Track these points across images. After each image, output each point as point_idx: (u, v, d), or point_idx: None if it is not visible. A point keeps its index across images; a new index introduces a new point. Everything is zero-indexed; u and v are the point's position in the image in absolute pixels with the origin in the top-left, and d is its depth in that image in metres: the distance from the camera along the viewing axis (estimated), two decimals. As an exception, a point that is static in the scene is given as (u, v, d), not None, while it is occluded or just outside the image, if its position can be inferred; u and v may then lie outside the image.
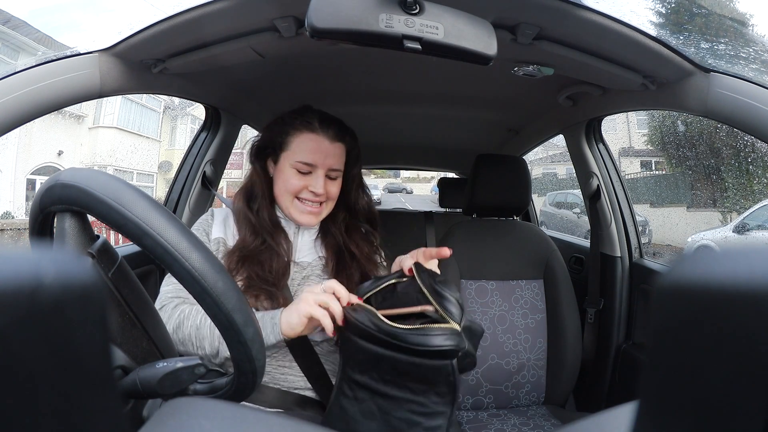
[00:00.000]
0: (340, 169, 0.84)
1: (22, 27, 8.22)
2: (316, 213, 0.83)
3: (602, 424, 0.24)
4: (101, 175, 0.40)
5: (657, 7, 2.81)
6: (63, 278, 0.15)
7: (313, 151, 0.80)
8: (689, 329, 0.14)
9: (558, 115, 1.34)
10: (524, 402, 1.18)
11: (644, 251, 1.32)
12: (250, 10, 0.71)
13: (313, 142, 0.81)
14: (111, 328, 0.43)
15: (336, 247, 0.85)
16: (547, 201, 9.37)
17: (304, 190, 0.81)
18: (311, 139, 0.81)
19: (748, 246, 0.14)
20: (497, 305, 1.20)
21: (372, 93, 1.32)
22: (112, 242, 0.47)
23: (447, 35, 0.57)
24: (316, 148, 0.80)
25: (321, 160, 0.80)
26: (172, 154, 12.40)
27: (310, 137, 0.81)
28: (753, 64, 0.90)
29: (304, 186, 0.81)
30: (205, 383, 0.46)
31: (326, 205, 0.84)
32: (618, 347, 1.25)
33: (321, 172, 0.81)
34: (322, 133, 0.81)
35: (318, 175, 0.81)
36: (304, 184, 0.81)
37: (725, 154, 6.85)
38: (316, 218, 0.84)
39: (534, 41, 0.75)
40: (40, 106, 0.68)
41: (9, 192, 8.88)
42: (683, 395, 0.14)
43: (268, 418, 0.26)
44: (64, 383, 0.15)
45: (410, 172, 25.08)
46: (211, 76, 1.01)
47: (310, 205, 0.82)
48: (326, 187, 0.82)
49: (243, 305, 0.42)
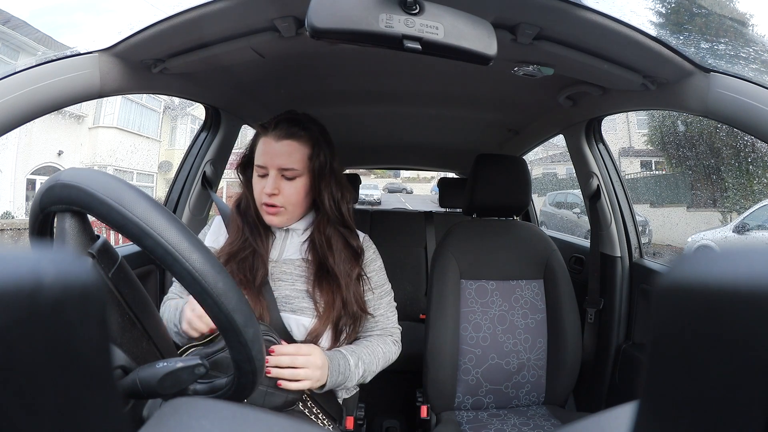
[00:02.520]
0: (294, 167, 0.82)
1: (22, 27, 8.21)
2: (274, 213, 0.84)
3: (602, 424, 0.24)
4: (101, 175, 0.40)
5: (657, 7, 2.81)
6: (63, 278, 0.15)
7: (262, 153, 0.83)
8: (689, 329, 0.14)
9: (558, 115, 1.34)
10: (524, 402, 1.18)
11: (644, 251, 1.32)
12: (250, 10, 0.71)
13: (264, 144, 0.84)
14: (111, 328, 0.43)
15: (320, 257, 0.86)
16: (547, 201, 9.37)
17: (263, 193, 0.83)
18: (263, 142, 0.84)
19: (748, 246, 0.14)
20: (497, 305, 1.20)
21: (372, 93, 1.32)
22: (112, 242, 0.47)
23: (447, 35, 0.57)
24: (265, 149, 0.83)
25: (269, 160, 0.82)
26: (172, 154, 12.39)
27: (262, 141, 0.84)
28: (753, 64, 0.89)
29: (262, 188, 0.83)
30: (205, 383, 0.46)
31: (287, 207, 0.84)
32: (618, 347, 1.25)
33: (272, 172, 0.82)
34: (271, 133, 0.83)
35: (270, 176, 0.82)
36: (261, 187, 0.83)
37: (725, 154, 6.85)
38: (278, 218, 0.85)
39: (534, 41, 0.75)
40: (40, 106, 0.68)
41: (9, 192, 8.87)
42: (683, 395, 0.14)
43: (268, 418, 0.26)
44: (64, 383, 0.15)
45: (410, 172, 25.08)
46: (211, 76, 1.02)
47: (266, 207, 0.84)
48: (282, 188, 0.83)
49: (243, 306, 0.42)
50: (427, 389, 1.14)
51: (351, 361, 0.81)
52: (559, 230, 5.61)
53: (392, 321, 0.95)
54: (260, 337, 0.45)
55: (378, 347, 0.88)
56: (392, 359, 0.92)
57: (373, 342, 0.89)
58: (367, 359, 0.84)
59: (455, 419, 1.11)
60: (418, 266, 2.08)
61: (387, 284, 0.96)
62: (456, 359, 1.14)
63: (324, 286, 0.84)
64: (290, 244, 0.89)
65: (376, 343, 0.89)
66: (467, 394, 1.16)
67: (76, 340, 0.15)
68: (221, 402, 0.27)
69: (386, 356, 0.89)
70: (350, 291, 0.84)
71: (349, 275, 0.86)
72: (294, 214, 0.86)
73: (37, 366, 0.14)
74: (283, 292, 0.84)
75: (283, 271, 0.86)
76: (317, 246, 0.86)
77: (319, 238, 0.86)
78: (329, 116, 0.94)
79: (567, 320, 1.16)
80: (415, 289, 2.02)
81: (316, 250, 0.86)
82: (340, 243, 0.87)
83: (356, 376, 0.82)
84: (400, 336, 0.96)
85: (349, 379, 0.81)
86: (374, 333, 0.92)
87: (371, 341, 0.89)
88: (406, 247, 2.09)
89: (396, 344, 0.93)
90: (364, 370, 0.84)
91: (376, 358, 0.86)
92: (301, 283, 0.85)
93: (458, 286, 1.18)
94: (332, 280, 0.84)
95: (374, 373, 0.87)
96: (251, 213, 0.88)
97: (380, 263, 0.95)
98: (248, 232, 0.86)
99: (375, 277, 0.93)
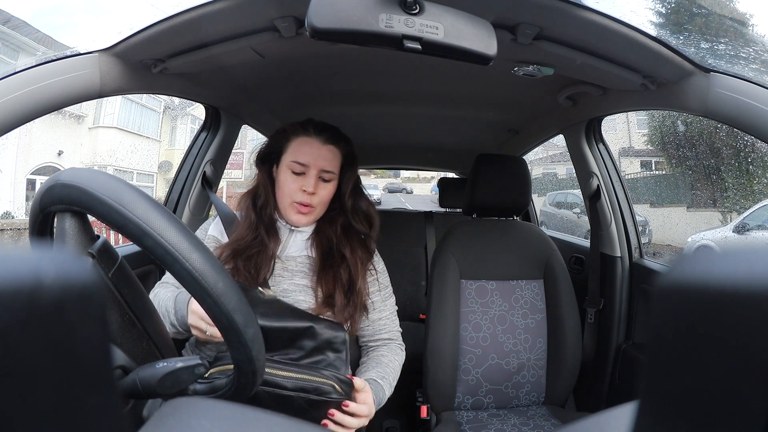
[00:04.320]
0: (333, 171, 0.87)
1: (22, 27, 8.21)
2: (305, 213, 0.86)
3: (602, 424, 0.24)
4: (101, 175, 0.40)
5: (657, 7, 2.81)
6: (63, 278, 0.15)
7: (305, 152, 0.86)
8: (689, 329, 0.14)
9: (558, 115, 1.34)
10: (524, 402, 1.18)
11: (644, 251, 1.31)
12: (250, 10, 0.71)
13: (306, 144, 0.86)
14: (111, 328, 0.43)
15: (325, 247, 0.88)
16: (547, 201, 9.37)
17: (298, 191, 0.85)
18: (305, 142, 0.86)
19: (748, 246, 0.14)
20: (497, 305, 1.20)
21: (372, 93, 1.32)
22: (112, 242, 0.47)
23: (447, 35, 0.57)
24: (309, 149, 0.86)
25: (313, 160, 0.85)
26: (172, 154, 12.38)
27: (304, 140, 0.87)
28: (753, 64, 0.90)
29: (297, 187, 0.85)
30: (205, 383, 0.46)
31: (318, 207, 0.87)
32: (618, 347, 1.25)
33: (313, 172, 0.85)
34: (315, 135, 0.87)
35: (310, 175, 0.85)
36: (298, 185, 0.85)
37: (725, 154, 6.84)
38: (306, 218, 0.87)
39: (534, 41, 0.75)
40: (40, 106, 0.68)
41: (9, 192, 8.87)
42: (683, 395, 0.14)
43: (268, 418, 0.26)
44: (64, 383, 0.15)
45: (410, 172, 25.09)
46: (211, 76, 1.02)
47: (301, 206, 0.86)
48: (318, 189, 0.86)
49: (243, 306, 0.42)
50: (427, 389, 1.14)
51: (386, 390, 0.85)
52: (559, 230, 5.62)
53: (396, 324, 0.97)
54: (260, 336, 0.45)
55: (396, 362, 0.92)
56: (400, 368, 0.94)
57: (391, 359, 0.91)
58: (392, 380, 0.89)
59: (455, 419, 1.11)
60: (418, 266, 2.08)
61: (390, 287, 0.98)
62: (456, 359, 1.14)
63: (328, 272, 0.85)
64: (293, 242, 0.90)
65: (393, 359, 0.92)
66: (467, 394, 1.16)
67: (76, 340, 0.15)
68: (221, 402, 0.27)
69: (399, 368, 0.93)
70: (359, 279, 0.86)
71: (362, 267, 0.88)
72: (319, 214, 0.89)
73: (37, 366, 0.14)
74: (282, 285, 0.85)
75: (284, 268, 0.87)
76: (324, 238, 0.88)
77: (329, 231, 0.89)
78: (329, 116, 0.94)
79: (567, 320, 1.16)
80: (415, 289, 2.02)
81: (321, 242, 0.88)
82: (355, 238, 0.90)
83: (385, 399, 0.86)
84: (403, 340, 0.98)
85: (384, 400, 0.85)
86: (382, 337, 0.94)
87: (389, 358, 0.91)
88: (406, 247, 2.09)
89: (403, 350, 0.96)
90: (390, 388, 0.88)
91: (396, 374, 0.91)
92: (300, 278, 0.86)
93: (458, 286, 1.18)
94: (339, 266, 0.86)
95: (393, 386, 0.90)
96: (268, 211, 0.88)
97: (383, 266, 0.98)
98: (263, 231, 0.86)
99: (381, 278, 0.95)
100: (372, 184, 20.09)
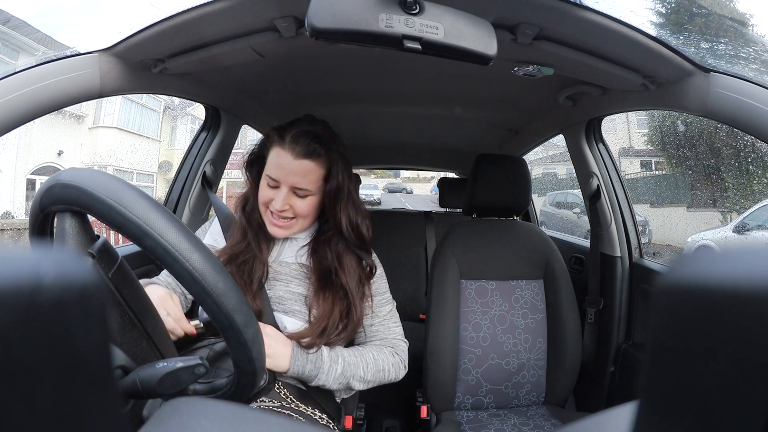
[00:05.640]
0: (306, 188, 0.81)
1: (22, 27, 8.21)
2: (282, 227, 0.83)
3: (602, 424, 0.24)
4: (101, 175, 0.40)
5: (657, 7, 2.81)
6: (63, 278, 0.15)
7: (276, 166, 0.80)
8: (689, 329, 0.14)
9: (558, 115, 1.34)
10: (524, 402, 1.18)
11: (644, 251, 1.31)
12: (250, 10, 0.71)
13: (279, 157, 0.80)
14: (111, 328, 0.43)
15: (323, 267, 0.84)
16: (547, 201, 9.36)
17: (271, 203, 0.82)
18: (278, 155, 0.80)
19: (748, 246, 0.14)
20: (497, 305, 1.20)
21: (372, 93, 1.32)
22: (112, 242, 0.47)
23: (447, 35, 0.57)
24: (280, 164, 0.80)
25: (282, 176, 0.80)
26: (172, 154, 12.38)
27: (278, 152, 0.80)
28: (753, 64, 0.89)
29: (271, 199, 0.82)
30: (205, 383, 0.46)
31: (297, 221, 0.84)
32: (618, 347, 1.25)
33: (284, 188, 0.80)
34: (289, 149, 0.79)
35: (281, 191, 0.80)
36: (270, 197, 0.82)
37: (725, 154, 6.84)
38: (284, 232, 0.84)
39: (534, 41, 0.75)
40: (40, 106, 0.68)
41: (9, 192, 8.87)
42: (683, 395, 0.14)
43: (268, 418, 0.26)
44: (64, 383, 0.15)
45: (410, 172, 25.07)
46: (211, 76, 1.02)
47: (276, 219, 0.83)
48: (293, 204, 0.81)
49: (243, 306, 0.42)
50: (427, 389, 1.14)
51: (325, 351, 0.78)
52: (559, 230, 5.61)
53: (394, 332, 0.90)
54: (260, 337, 0.45)
55: (369, 353, 0.84)
56: (390, 370, 0.85)
57: (365, 348, 0.86)
58: (350, 360, 0.80)
59: (455, 419, 1.11)
60: (418, 266, 2.08)
61: (388, 293, 0.93)
62: (456, 359, 1.14)
63: (326, 297, 0.81)
64: (288, 248, 0.88)
65: (367, 349, 0.85)
66: (467, 394, 1.16)
67: (76, 340, 0.15)
68: (221, 402, 0.27)
69: (379, 364, 0.84)
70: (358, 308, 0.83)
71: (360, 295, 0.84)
72: (302, 225, 0.85)
73: (37, 366, 0.14)
74: (278, 292, 0.84)
75: (278, 272, 0.86)
76: (322, 258, 0.84)
77: (326, 251, 0.84)
78: (329, 116, 0.94)
79: (567, 320, 1.16)
80: (415, 289, 2.02)
81: (320, 261, 0.84)
82: (353, 262, 0.85)
83: (334, 372, 0.78)
84: (406, 352, 0.90)
85: (324, 372, 0.77)
86: (374, 343, 0.88)
87: (367, 349, 0.86)
88: (406, 247, 2.09)
89: (395, 355, 0.87)
90: (344, 368, 0.79)
91: (364, 362, 0.82)
92: (295, 285, 0.85)
93: (458, 286, 1.18)
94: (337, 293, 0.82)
95: (363, 379, 0.82)
96: (256, 216, 0.86)
97: (381, 271, 0.93)
98: (251, 237, 0.85)
99: (376, 285, 0.90)
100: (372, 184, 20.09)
